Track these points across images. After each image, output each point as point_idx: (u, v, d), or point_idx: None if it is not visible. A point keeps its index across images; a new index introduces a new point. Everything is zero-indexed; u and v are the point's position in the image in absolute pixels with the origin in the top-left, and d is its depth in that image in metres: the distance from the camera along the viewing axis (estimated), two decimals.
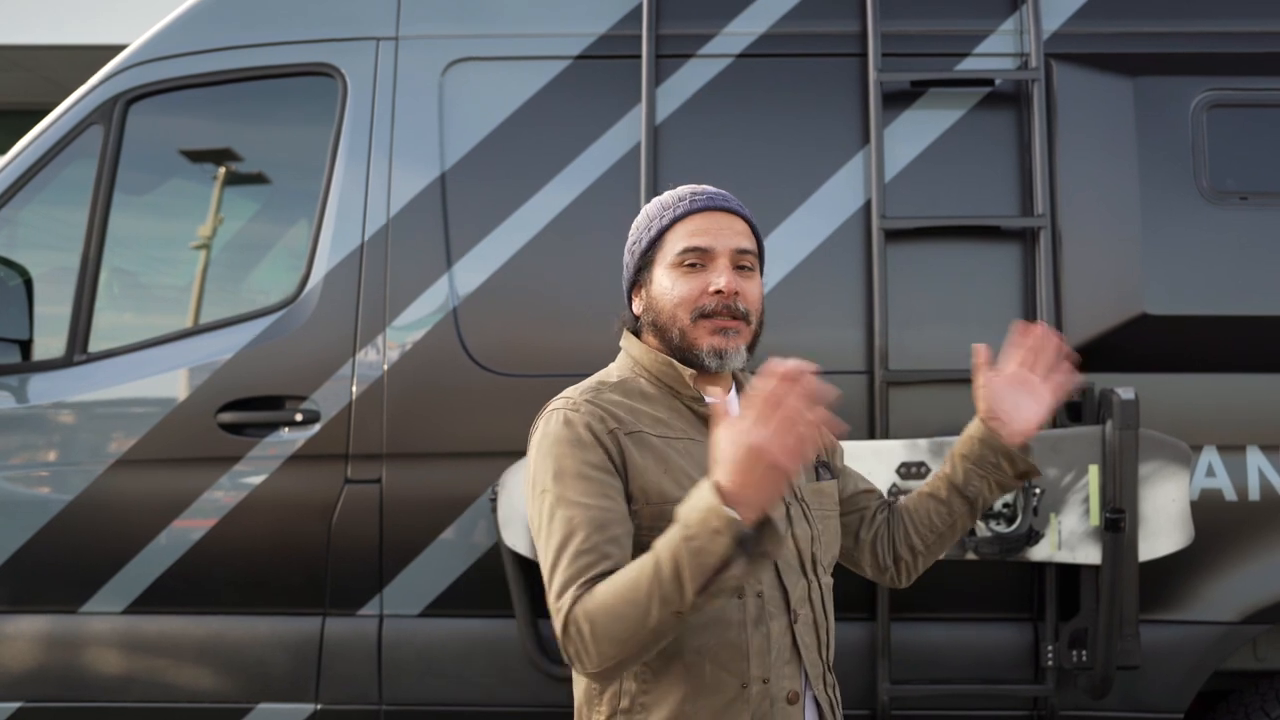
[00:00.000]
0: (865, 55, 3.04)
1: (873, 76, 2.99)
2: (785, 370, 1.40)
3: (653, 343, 1.80)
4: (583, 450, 1.65)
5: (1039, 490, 2.77)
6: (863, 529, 1.97)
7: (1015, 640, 2.94)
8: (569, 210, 3.04)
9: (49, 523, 3.10)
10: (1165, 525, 2.78)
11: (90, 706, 3.09)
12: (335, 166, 3.13)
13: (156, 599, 3.08)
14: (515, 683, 2.98)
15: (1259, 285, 2.90)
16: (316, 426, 3.03)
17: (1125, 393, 2.73)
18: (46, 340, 3.23)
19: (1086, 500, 2.78)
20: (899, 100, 3.04)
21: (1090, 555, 2.77)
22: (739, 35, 3.10)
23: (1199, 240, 2.91)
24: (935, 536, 1.94)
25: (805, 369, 1.40)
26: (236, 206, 3.52)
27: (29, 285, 3.27)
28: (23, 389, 3.19)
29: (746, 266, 1.78)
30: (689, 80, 3.08)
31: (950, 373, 2.90)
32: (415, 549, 3.01)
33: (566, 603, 1.54)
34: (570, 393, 1.76)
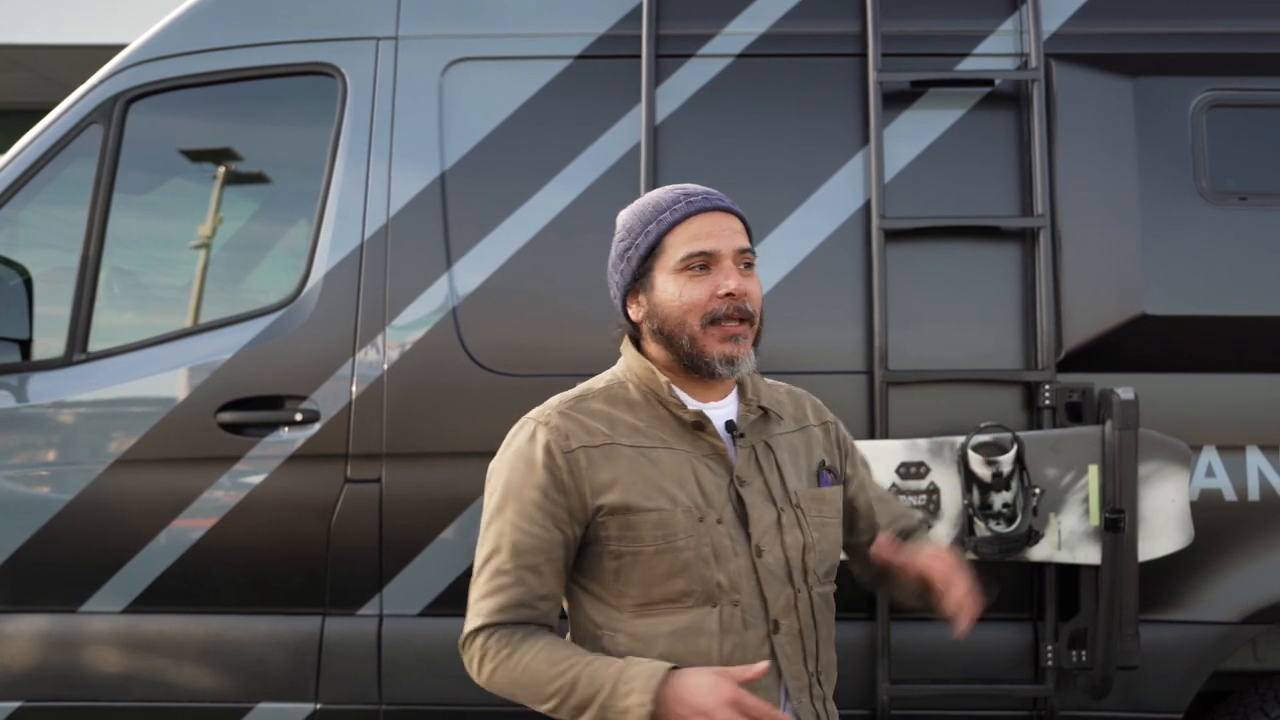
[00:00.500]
0: (865, 55, 3.03)
1: (873, 76, 2.99)
2: (761, 712, 1.52)
3: (655, 349, 1.79)
4: (533, 473, 1.72)
5: (1039, 490, 2.77)
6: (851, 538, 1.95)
7: (1015, 640, 2.94)
8: (569, 210, 3.04)
9: (49, 522, 3.10)
10: (1165, 525, 2.78)
11: (90, 706, 3.09)
12: (335, 166, 3.13)
13: (156, 598, 3.08)
14: None
15: (1259, 285, 2.90)
16: (316, 426, 3.03)
17: (1125, 393, 2.73)
18: (46, 340, 3.22)
19: (1086, 500, 2.78)
20: (899, 100, 3.04)
21: (1090, 555, 2.77)
22: (739, 35, 3.09)
23: (1199, 240, 2.91)
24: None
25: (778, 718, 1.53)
26: (236, 206, 3.52)
27: (29, 285, 3.27)
28: (22, 388, 3.19)
29: (748, 265, 1.76)
30: (689, 80, 3.08)
31: (950, 373, 2.90)
32: (415, 549, 3.01)
33: (478, 636, 1.72)
34: (551, 402, 1.79)
